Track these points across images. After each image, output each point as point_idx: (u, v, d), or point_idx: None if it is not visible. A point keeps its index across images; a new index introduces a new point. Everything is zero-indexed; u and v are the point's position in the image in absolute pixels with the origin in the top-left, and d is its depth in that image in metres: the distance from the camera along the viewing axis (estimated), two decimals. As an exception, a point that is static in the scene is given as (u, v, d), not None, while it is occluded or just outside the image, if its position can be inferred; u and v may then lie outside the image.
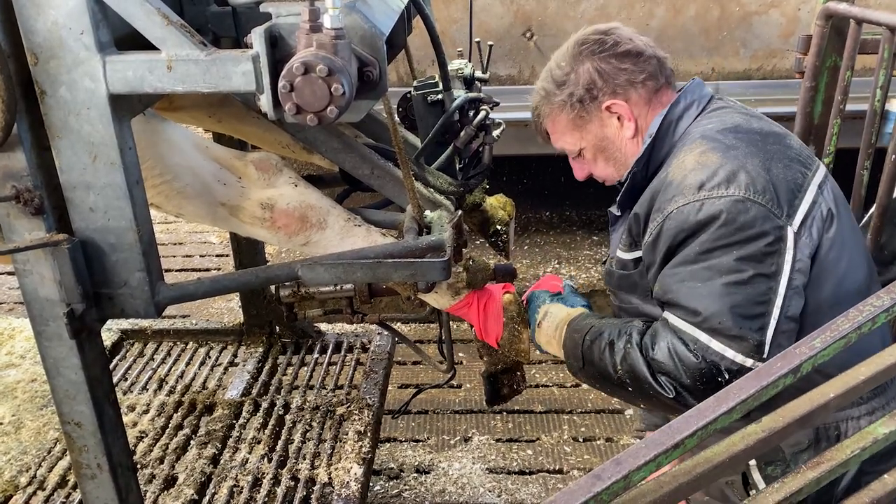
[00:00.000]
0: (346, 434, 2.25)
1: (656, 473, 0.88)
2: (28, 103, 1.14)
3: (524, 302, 1.78)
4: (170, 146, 1.60)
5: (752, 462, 1.56)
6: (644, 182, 1.60)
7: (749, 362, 1.37)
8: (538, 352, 1.77)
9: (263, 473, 2.14)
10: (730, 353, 1.37)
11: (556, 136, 1.73)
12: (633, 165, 1.61)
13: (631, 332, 1.50)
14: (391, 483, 3.08)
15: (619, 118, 1.63)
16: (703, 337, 1.39)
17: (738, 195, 1.38)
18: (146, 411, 2.45)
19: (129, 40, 1.15)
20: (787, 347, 1.37)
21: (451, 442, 3.31)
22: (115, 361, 2.75)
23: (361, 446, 2.17)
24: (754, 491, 1.56)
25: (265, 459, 2.20)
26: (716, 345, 1.38)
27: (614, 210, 1.72)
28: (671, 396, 1.42)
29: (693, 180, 1.43)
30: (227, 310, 4.33)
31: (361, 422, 2.29)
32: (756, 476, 1.56)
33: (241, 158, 1.72)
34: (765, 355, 1.37)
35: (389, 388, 2.97)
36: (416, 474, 3.13)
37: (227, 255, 4.84)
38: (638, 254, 1.57)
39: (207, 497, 2.07)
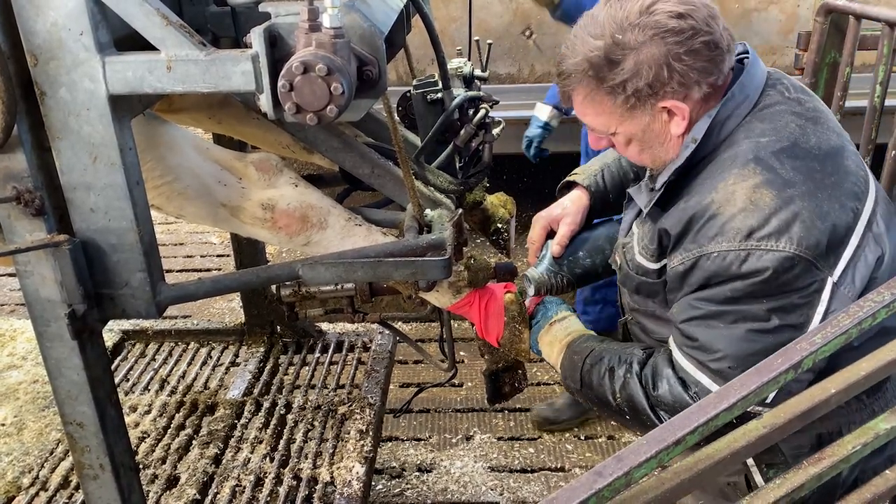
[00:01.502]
0: (348, 433, 2.26)
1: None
2: (28, 104, 1.15)
3: (538, 301, 1.77)
4: (170, 148, 1.61)
5: (754, 466, 1.54)
6: (679, 180, 1.45)
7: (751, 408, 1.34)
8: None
9: (266, 473, 2.15)
10: None
11: (587, 112, 1.45)
12: (671, 174, 1.43)
13: (631, 360, 1.46)
14: (393, 482, 3.08)
15: (669, 112, 1.39)
16: (706, 380, 1.35)
17: (789, 251, 1.27)
18: (148, 412, 2.46)
19: (129, 41, 1.15)
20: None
21: (453, 440, 3.32)
22: (116, 362, 2.75)
23: (363, 445, 2.17)
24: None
25: (267, 459, 2.20)
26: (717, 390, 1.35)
27: (636, 197, 1.55)
28: None
29: (742, 224, 1.30)
30: (228, 310, 4.34)
31: (363, 421, 2.29)
32: (758, 479, 1.54)
33: (241, 159, 1.72)
34: (768, 400, 1.33)
35: (391, 387, 2.97)
36: (417, 473, 3.13)
37: (228, 256, 4.85)
38: (664, 263, 1.47)
39: (210, 497, 2.07)
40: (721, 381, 1.34)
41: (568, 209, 1.80)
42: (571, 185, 1.85)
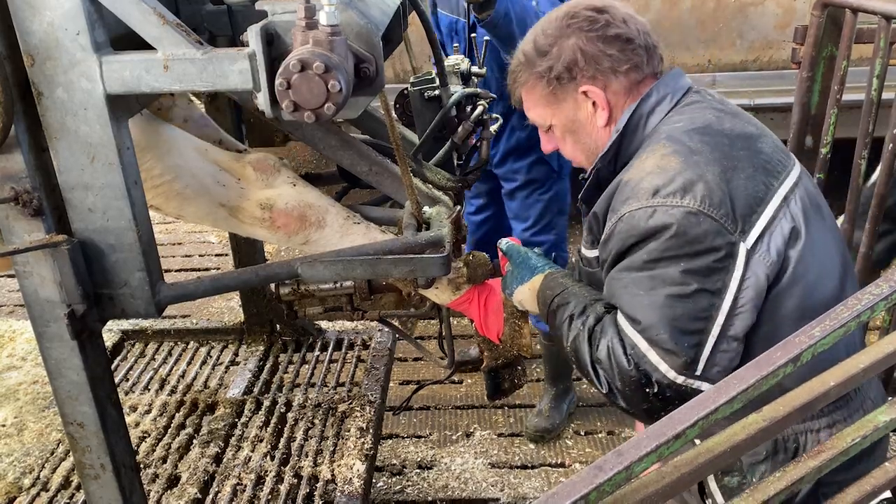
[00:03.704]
0: (349, 431, 2.26)
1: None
2: (25, 105, 1.15)
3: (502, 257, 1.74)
4: (169, 147, 1.60)
5: None
6: (610, 177, 1.54)
7: (680, 379, 1.35)
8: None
9: (266, 471, 2.15)
10: (662, 367, 1.35)
11: (529, 105, 1.63)
12: (598, 161, 1.54)
13: (589, 314, 1.49)
14: (394, 479, 3.09)
15: (593, 104, 1.54)
16: (643, 345, 1.37)
17: (692, 207, 1.33)
18: (148, 411, 2.46)
19: (125, 40, 1.15)
20: (727, 367, 1.36)
21: (453, 437, 3.32)
22: (116, 362, 2.76)
23: (364, 443, 2.18)
24: (710, 500, 1.55)
25: (268, 457, 2.20)
26: (652, 356, 1.36)
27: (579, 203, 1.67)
28: (605, 392, 1.42)
29: (648, 184, 1.38)
30: (227, 309, 4.33)
31: (363, 418, 2.29)
32: (712, 485, 1.54)
33: (238, 160, 1.72)
34: (697, 372, 1.35)
35: (391, 384, 2.97)
36: (418, 470, 3.13)
37: (227, 255, 4.84)
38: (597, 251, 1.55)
39: (211, 495, 2.08)
40: (656, 347, 1.36)
41: None
42: None
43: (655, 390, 1.36)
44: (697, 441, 1.34)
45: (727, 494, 1.51)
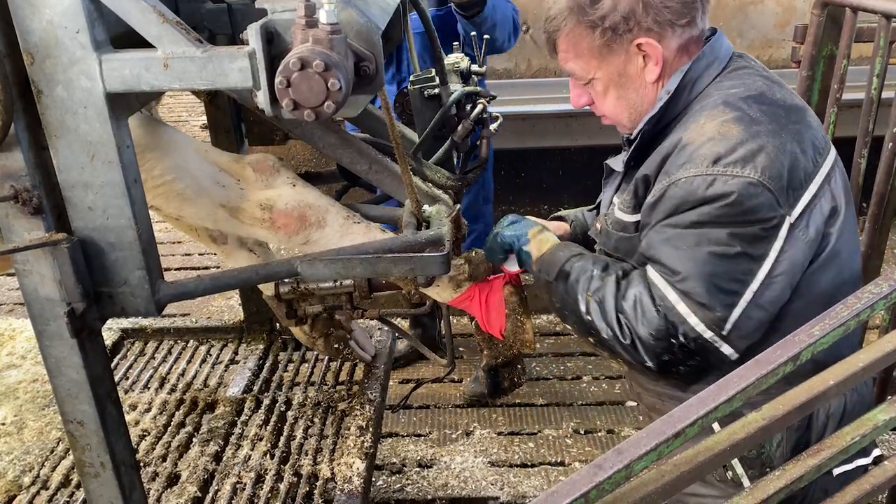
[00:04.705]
0: (348, 429, 2.26)
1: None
2: (25, 103, 1.14)
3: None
4: (169, 148, 1.61)
5: None
6: (652, 138, 1.52)
7: (708, 334, 1.38)
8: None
9: (266, 470, 2.15)
10: (692, 320, 1.38)
11: (569, 55, 1.53)
12: (645, 124, 1.50)
13: (614, 269, 1.51)
14: (394, 478, 3.09)
15: (644, 57, 1.47)
16: (672, 296, 1.39)
17: (753, 178, 1.34)
18: (148, 409, 2.46)
19: (125, 38, 1.15)
20: (751, 334, 1.39)
21: (453, 436, 3.32)
22: (116, 360, 2.75)
23: (363, 441, 2.18)
24: (731, 472, 1.56)
25: (268, 456, 2.20)
26: (682, 307, 1.38)
27: (614, 165, 1.62)
28: (626, 343, 1.43)
29: (709, 151, 1.37)
30: (227, 308, 4.34)
31: (363, 417, 2.29)
32: (739, 469, 1.55)
33: (238, 161, 1.72)
34: (724, 332, 1.38)
35: (390, 383, 2.97)
36: (418, 468, 3.14)
37: (227, 253, 4.84)
38: (639, 216, 1.53)
39: (210, 494, 2.08)
40: (687, 300, 1.38)
41: (551, 226, 1.88)
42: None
43: (682, 341, 1.39)
44: (717, 426, 1.35)
45: (747, 464, 1.53)
